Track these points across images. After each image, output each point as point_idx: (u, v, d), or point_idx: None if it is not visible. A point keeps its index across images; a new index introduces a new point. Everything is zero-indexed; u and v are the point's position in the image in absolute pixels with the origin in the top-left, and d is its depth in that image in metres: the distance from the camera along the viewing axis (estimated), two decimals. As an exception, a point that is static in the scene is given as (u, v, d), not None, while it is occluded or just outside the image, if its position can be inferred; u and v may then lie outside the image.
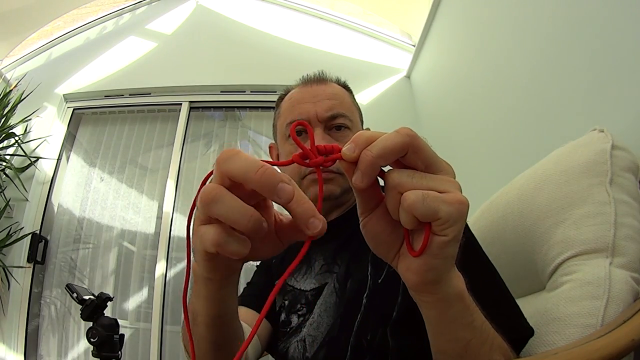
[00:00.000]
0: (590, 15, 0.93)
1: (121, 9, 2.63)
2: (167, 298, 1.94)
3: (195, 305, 0.41)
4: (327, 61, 2.33)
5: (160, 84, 2.35)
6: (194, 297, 0.41)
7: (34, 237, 1.99)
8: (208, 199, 0.28)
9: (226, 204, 0.27)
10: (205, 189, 0.28)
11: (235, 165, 0.28)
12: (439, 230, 0.29)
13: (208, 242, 0.29)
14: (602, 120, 0.87)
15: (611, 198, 0.54)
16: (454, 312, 0.34)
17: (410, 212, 0.28)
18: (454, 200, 0.28)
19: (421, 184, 0.29)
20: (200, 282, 0.38)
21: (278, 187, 0.27)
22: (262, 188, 0.27)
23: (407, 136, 0.29)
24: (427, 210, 0.28)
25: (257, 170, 0.27)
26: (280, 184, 0.27)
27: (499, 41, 1.39)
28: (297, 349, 0.64)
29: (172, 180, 2.14)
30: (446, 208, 0.28)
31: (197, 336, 0.43)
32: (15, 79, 2.27)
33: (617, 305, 0.48)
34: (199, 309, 0.41)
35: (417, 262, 0.31)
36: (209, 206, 0.28)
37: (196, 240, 0.31)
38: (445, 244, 0.29)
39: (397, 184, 0.29)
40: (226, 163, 0.28)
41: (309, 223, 0.28)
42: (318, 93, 0.71)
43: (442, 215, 0.28)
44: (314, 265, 0.69)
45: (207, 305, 0.40)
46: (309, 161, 0.31)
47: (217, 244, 0.28)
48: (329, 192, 0.66)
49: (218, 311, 0.41)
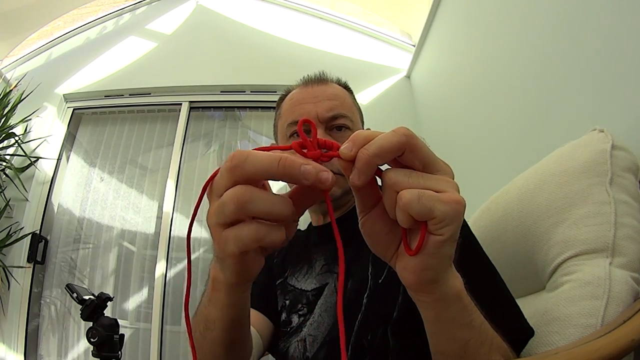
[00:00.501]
0: (590, 15, 0.93)
1: (121, 9, 2.63)
2: (167, 298, 1.94)
3: (210, 312, 0.42)
4: (327, 61, 2.33)
5: (160, 84, 2.35)
6: (209, 304, 0.41)
7: (34, 237, 1.99)
8: (243, 201, 0.28)
9: (265, 200, 0.28)
10: (231, 193, 0.29)
11: (255, 165, 0.28)
12: (435, 230, 0.29)
13: (248, 240, 0.29)
14: (602, 120, 0.87)
15: (611, 198, 0.54)
16: (452, 312, 0.34)
17: (405, 211, 0.28)
18: (450, 200, 0.28)
19: (418, 183, 0.29)
20: (221, 290, 0.38)
21: (302, 170, 0.28)
22: (288, 177, 0.28)
23: (404, 135, 0.29)
24: (422, 209, 0.28)
25: (277, 163, 0.28)
26: (302, 166, 0.28)
27: (499, 41, 1.39)
28: (297, 348, 0.64)
29: (172, 180, 2.14)
30: (442, 207, 0.28)
31: (210, 341, 0.44)
32: (15, 79, 2.27)
33: (617, 305, 0.48)
34: (216, 314, 0.41)
35: (413, 261, 0.31)
36: (245, 206, 0.28)
37: (224, 245, 0.31)
38: (441, 243, 0.29)
39: (393, 183, 0.29)
40: (244, 167, 0.28)
41: (321, 178, 0.29)
42: (319, 93, 0.71)
43: (438, 214, 0.28)
44: (315, 265, 0.70)
45: (227, 311, 0.40)
46: (306, 151, 0.31)
47: (258, 239, 0.29)
48: (330, 192, 0.66)
49: (237, 315, 0.41)
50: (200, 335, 0.45)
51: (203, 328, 0.44)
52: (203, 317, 0.44)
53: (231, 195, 0.28)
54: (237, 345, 0.46)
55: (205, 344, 0.45)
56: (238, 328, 0.43)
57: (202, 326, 0.44)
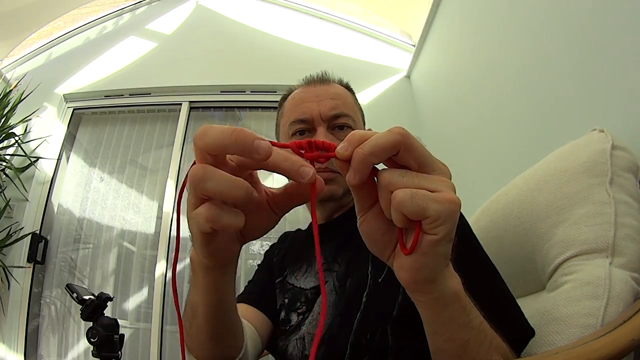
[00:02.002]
0: (590, 15, 0.93)
1: (121, 9, 2.63)
2: (167, 298, 1.94)
3: (194, 297, 0.42)
4: (327, 61, 2.33)
5: (160, 84, 2.35)
6: (192, 288, 0.42)
7: (34, 237, 1.99)
8: (197, 178, 0.28)
9: (216, 178, 0.28)
10: (192, 170, 0.29)
11: (211, 136, 0.28)
12: (429, 229, 0.29)
13: (202, 220, 0.30)
14: (602, 120, 0.87)
15: (611, 198, 0.54)
16: (450, 312, 0.34)
17: (399, 210, 0.28)
18: (443, 199, 0.28)
19: (412, 182, 0.29)
20: (198, 272, 0.39)
21: (254, 144, 0.28)
22: (240, 148, 0.28)
23: (399, 134, 0.29)
24: (415, 208, 0.28)
25: (231, 133, 0.28)
26: (256, 141, 0.28)
27: (499, 41, 1.39)
28: (296, 346, 0.64)
29: (172, 180, 2.14)
30: (435, 206, 0.28)
31: (197, 328, 0.44)
32: (15, 79, 2.27)
33: (617, 305, 0.48)
34: (197, 299, 0.41)
35: (409, 261, 0.31)
36: (199, 185, 0.28)
37: (191, 226, 0.32)
38: (435, 243, 0.29)
39: (388, 183, 0.30)
40: (202, 139, 0.29)
41: (300, 171, 0.29)
42: (321, 93, 0.72)
43: (431, 213, 0.28)
44: (314, 264, 0.70)
45: (206, 295, 0.40)
46: (304, 152, 0.32)
47: (211, 219, 0.29)
48: (332, 192, 0.67)
49: (217, 300, 0.41)
50: (189, 324, 0.46)
51: (190, 316, 0.45)
52: (190, 304, 0.44)
53: (191, 174, 0.29)
54: (224, 335, 0.46)
55: (192, 333, 0.46)
56: (222, 315, 0.44)
57: (190, 314, 0.45)
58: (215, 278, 0.39)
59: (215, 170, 0.28)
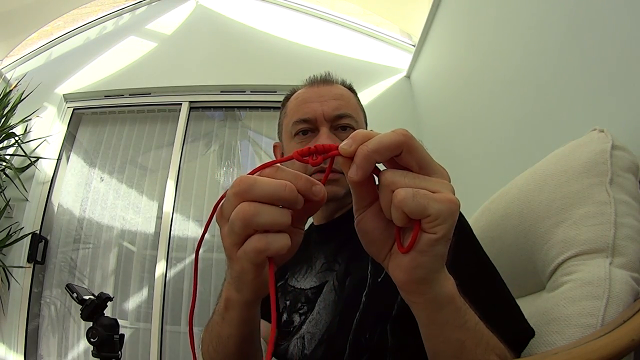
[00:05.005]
0: (590, 15, 0.93)
1: (121, 9, 2.63)
2: (167, 298, 1.94)
3: (224, 330, 0.44)
4: (327, 61, 2.33)
5: (160, 84, 2.35)
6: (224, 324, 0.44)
7: (34, 237, 1.99)
8: (249, 215, 0.30)
9: (269, 212, 0.30)
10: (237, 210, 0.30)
11: (262, 190, 0.30)
12: (429, 228, 0.29)
13: (253, 254, 0.31)
14: (602, 120, 0.87)
15: (611, 198, 0.54)
16: (445, 314, 0.34)
17: (400, 208, 0.29)
18: (444, 199, 0.29)
19: (413, 182, 0.30)
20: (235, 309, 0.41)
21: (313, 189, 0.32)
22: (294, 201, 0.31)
23: (403, 136, 0.30)
24: (416, 207, 0.28)
25: (284, 189, 0.30)
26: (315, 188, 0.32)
27: (499, 41, 1.39)
28: (296, 346, 0.64)
29: (172, 180, 2.14)
30: (436, 205, 0.28)
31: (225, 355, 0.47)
32: (15, 79, 2.27)
33: (617, 305, 0.48)
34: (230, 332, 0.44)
35: (405, 259, 0.31)
36: (252, 219, 0.30)
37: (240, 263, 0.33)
38: (434, 242, 0.30)
39: (390, 182, 0.30)
40: (251, 192, 0.31)
41: (313, 191, 0.32)
42: (325, 93, 0.72)
43: (432, 212, 0.28)
44: (315, 264, 0.70)
45: (241, 328, 0.43)
46: (307, 158, 0.33)
47: (263, 249, 0.31)
48: (334, 193, 0.67)
49: (249, 331, 0.44)
50: (214, 351, 0.48)
51: (216, 343, 0.47)
52: (216, 334, 0.46)
53: (237, 212, 0.30)
54: (248, 357, 0.49)
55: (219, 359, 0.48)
56: (250, 342, 0.46)
57: (215, 342, 0.47)
58: (250, 312, 0.41)
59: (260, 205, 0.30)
